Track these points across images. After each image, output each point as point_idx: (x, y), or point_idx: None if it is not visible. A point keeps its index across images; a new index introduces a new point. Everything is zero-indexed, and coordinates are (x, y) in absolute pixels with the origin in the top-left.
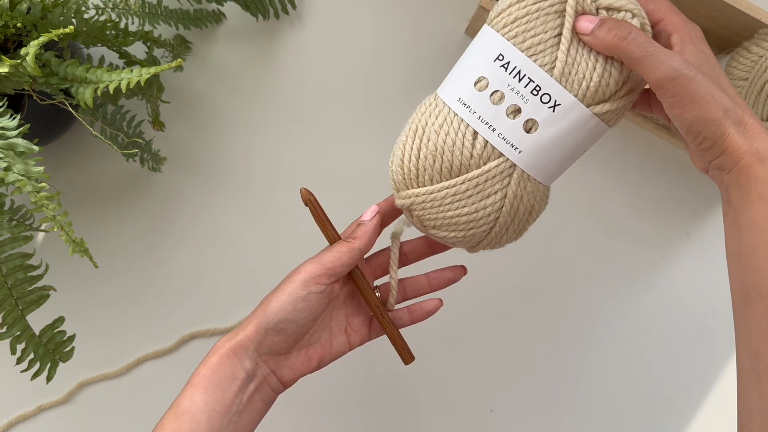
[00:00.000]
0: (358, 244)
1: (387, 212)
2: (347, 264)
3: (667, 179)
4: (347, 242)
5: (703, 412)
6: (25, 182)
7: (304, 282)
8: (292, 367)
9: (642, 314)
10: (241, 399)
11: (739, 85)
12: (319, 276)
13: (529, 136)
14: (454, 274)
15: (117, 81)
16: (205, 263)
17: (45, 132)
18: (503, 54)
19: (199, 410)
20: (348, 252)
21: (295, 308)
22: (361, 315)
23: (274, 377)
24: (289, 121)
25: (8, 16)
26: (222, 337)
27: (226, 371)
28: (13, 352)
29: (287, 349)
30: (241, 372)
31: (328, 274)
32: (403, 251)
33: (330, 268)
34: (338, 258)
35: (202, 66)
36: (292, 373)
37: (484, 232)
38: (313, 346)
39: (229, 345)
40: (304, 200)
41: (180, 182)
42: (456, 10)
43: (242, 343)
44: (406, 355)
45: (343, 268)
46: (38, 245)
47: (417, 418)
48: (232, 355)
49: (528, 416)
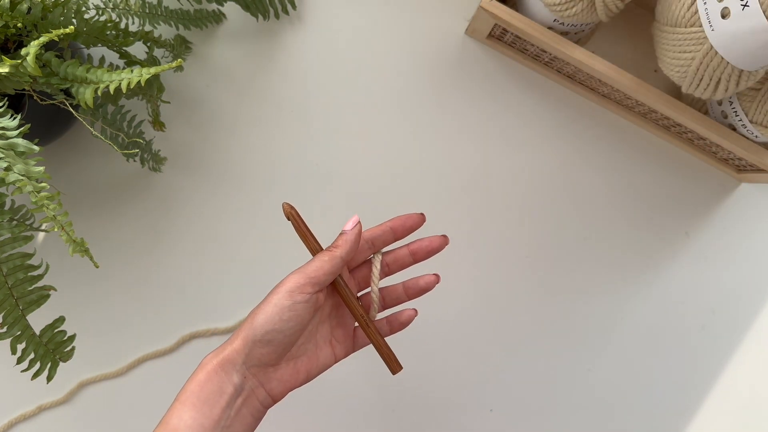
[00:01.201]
0: (339, 252)
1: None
2: (330, 272)
3: (667, 179)
4: (328, 251)
5: (703, 412)
6: (26, 182)
7: (289, 292)
8: (280, 379)
9: (642, 314)
10: (229, 414)
11: (750, 94)
12: (303, 285)
13: (724, 21)
14: (427, 283)
15: (117, 81)
16: (205, 263)
17: (45, 132)
18: None
19: (187, 427)
20: (330, 260)
21: (282, 318)
22: (345, 327)
23: (263, 390)
24: (289, 121)
25: (8, 16)
26: (209, 354)
27: (213, 386)
28: (14, 351)
29: (276, 361)
30: (228, 386)
31: (312, 282)
32: (384, 262)
33: (313, 277)
34: (320, 267)
35: (202, 66)
36: (281, 386)
37: (680, 78)
38: (300, 359)
39: (216, 360)
40: (286, 215)
41: (180, 182)
42: (456, 10)
43: (230, 358)
44: (394, 365)
45: (326, 277)
46: (38, 245)
47: (417, 418)
48: (219, 370)
49: (528, 416)
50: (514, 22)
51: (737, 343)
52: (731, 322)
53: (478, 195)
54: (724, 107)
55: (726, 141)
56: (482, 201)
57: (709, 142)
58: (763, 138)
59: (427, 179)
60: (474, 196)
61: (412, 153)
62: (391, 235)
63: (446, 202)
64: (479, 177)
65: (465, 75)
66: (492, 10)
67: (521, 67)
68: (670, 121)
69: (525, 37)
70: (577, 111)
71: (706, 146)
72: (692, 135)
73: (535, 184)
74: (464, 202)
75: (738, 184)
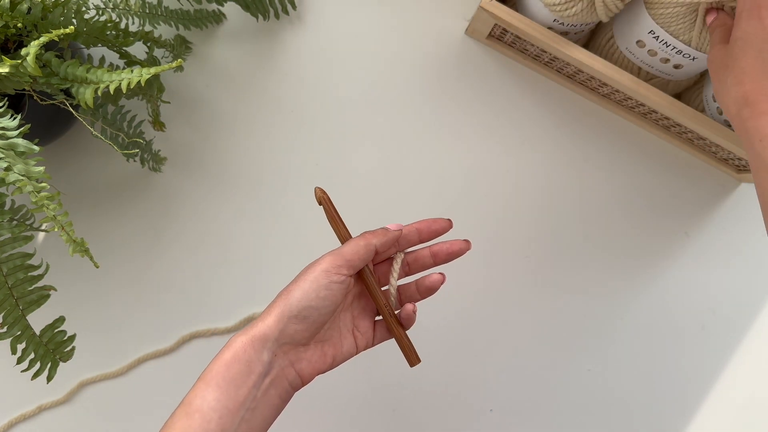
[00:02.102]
0: (376, 240)
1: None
2: (364, 258)
3: (667, 179)
4: (364, 237)
5: (703, 412)
6: (26, 182)
7: (326, 271)
8: (310, 360)
9: (642, 314)
10: (255, 395)
11: None
12: (339, 266)
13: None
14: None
15: (117, 81)
16: (206, 263)
17: (45, 132)
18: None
19: (210, 408)
20: (365, 246)
21: (318, 296)
22: (367, 318)
23: (293, 370)
24: (289, 121)
25: (9, 16)
26: (236, 333)
27: (241, 365)
28: (14, 351)
29: (308, 339)
30: (257, 365)
31: (348, 265)
32: (405, 261)
33: (350, 260)
34: (356, 251)
35: (202, 66)
36: (310, 367)
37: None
38: (327, 343)
39: (246, 338)
40: (318, 199)
41: (180, 182)
42: (456, 10)
43: (262, 334)
44: (413, 357)
45: (360, 262)
46: (38, 245)
47: (417, 418)
48: (249, 348)
49: (528, 416)
50: (514, 22)
51: (737, 343)
52: (731, 322)
53: (478, 195)
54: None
55: (725, 140)
56: (482, 201)
57: (708, 142)
58: None
59: (426, 179)
60: (473, 195)
61: (412, 152)
62: (417, 236)
63: (446, 201)
64: (479, 176)
65: (465, 75)
66: (492, 10)
67: (521, 67)
68: (670, 121)
69: (525, 37)
70: (577, 111)
71: (706, 146)
72: (692, 135)
73: (534, 184)
74: (464, 201)
75: (738, 184)
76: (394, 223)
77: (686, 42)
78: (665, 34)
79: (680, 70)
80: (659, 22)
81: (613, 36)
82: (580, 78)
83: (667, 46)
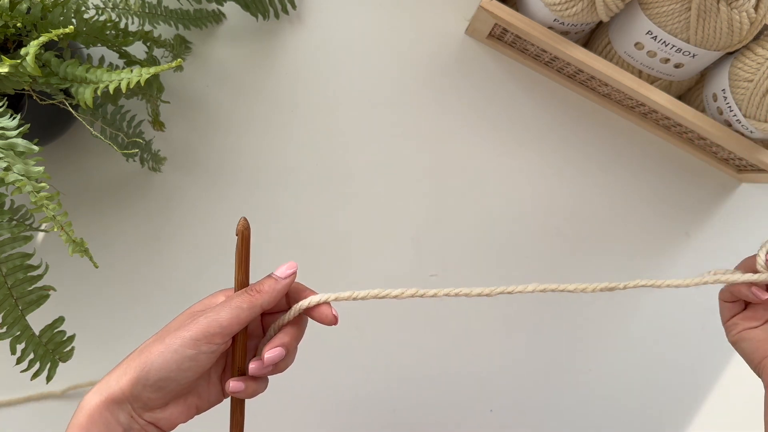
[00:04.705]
0: (260, 300)
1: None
2: (244, 322)
3: (667, 179)
4: (249, 296)
5: (703, 413)
6: (25, 182)
7: (195, 341)
8: (169, 418)
9: (642, 314)
10: None
11: (743, 87)
12: (212, 335)
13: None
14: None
15: (117, 81)
16: (205, 263)
17: (45, 132)
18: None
19: None
20: (248, 309)
21: (180, 367)
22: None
23: (154, 428)
24: (289, 121)
25: (8, 16)
26: (89, 390)
27: (100, 428)
28: (13, 352)
29: (163, 405)
30: (117, 427)
31: (223, 333)
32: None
33: (226, 327)
34: (236, 316)
35: (202, 66)
36: (170, 422)
37: None
38: (192, 394)
39: (100, 399)
40: (237, 230)
41: (180, 182)
42: (456, 10)
43: (116, 397)
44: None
45: (239, 327)
46: (38, 245)
47: (417, 418)
48: (104, 411)
49: (528, 416)
50: (514, 22)
51: None
52: None
53: (477, 194)
54: (719, 103)
55: (725, 140)
56: (481, 200)
57: (709, 142)
58: (758, 133)
59: (426, 178)
60: (473, 195)
61: (412, 152)
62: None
63: (445, 201)
64: (478, 177)
65: (465, 75)
66: (492, 10)
67: (521, 67)
68: (671, 122)
69: (525, 36)
70: (577, 111)
71: (707, 146)
72: (692, 135)
73: (534, 184)
74: (463, 201)
75: (738, 184)
76: (286, 264)
77: (685, 39)
78: (663, 33)
79: (681, 69)
80: (656, 22)
81: (610, 42)
82: (581, 78)
83: (666, 45)
